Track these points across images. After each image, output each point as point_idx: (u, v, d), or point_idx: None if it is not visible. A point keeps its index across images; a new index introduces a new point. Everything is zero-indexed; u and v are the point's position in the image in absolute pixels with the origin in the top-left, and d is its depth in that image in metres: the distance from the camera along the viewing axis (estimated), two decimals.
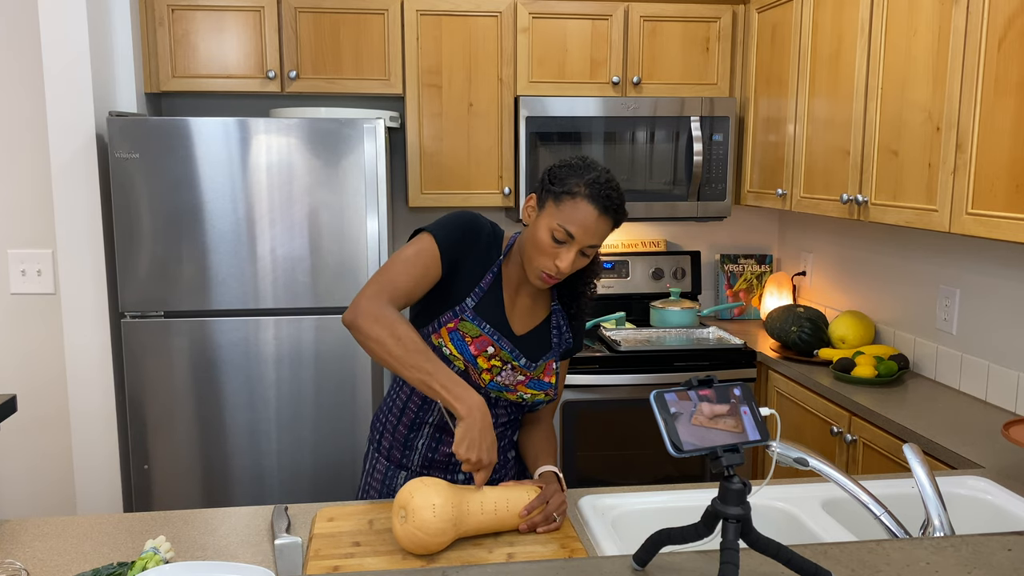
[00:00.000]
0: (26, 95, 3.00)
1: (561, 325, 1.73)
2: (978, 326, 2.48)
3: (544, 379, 1.70)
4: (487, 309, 1.64)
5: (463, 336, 1.62)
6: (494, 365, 1.64)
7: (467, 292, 1.64)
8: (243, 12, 3.03)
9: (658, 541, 1.10)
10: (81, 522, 1.55)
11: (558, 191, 1.55)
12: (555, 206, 1.55)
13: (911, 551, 1.19)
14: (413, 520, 1.38)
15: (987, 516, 1.69)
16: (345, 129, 2.71)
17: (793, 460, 1.35)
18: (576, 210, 1.53)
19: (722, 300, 3.71)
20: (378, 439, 1.79)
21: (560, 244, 1.55)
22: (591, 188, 1.53)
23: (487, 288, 1.65)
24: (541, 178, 1.61)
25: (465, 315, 1.62)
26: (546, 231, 1.55)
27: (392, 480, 1.76)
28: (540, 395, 1.70)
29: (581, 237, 1.54)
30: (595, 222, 1.54)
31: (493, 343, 1.63)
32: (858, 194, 2.53)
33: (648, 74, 3.26)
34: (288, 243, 2.73)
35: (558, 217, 1.54)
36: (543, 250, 1.56)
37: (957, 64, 2.07)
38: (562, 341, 1.73)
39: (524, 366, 1.66)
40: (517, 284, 1.69)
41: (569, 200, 1.54)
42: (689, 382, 1.07)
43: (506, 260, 1.69)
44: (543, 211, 1.57)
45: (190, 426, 2.76)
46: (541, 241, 1.56)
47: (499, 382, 1.65)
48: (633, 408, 2.99)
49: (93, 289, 2.79)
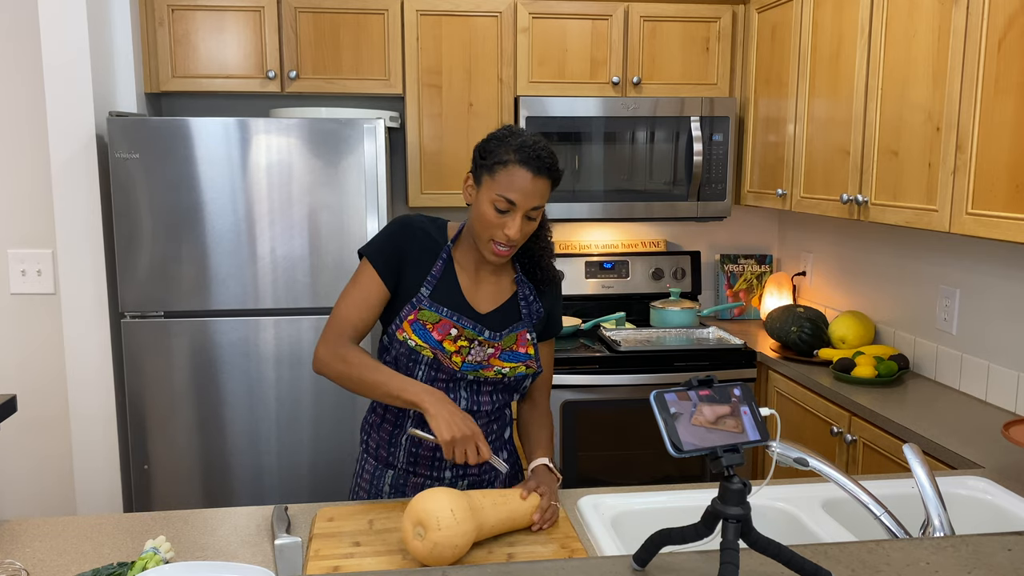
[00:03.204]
0: (26, 95, 3.00)
1: (528, 296, 1.76)
2: (978, 326, 2.48)
3: (519, 350, 1.72)
4: (443, 294, 1.69)
5: (424, 324, 1.66)
6: (461, 346, 1.67)
7: (420, 283, 1.69)
8: (243, 12, 3.03)
9: (658, 541, 1.10)
10: (81, 522, 1.55)
11: (491, 163, 1.60)
12: (491, 178, 1.60)
13: (911, 551, 1.19)
14: (435, 532, 1.33)
15: (987, 516, 1.69)
16: (345, 129, 2.71)
17: (793, 460, 1.35)
18: (512, 177, 1.58)
19: (722, 300, 3.71)
20: (366, 439, 1.82)
21: (504, 214, 1.60)
22: (521, 153, 1.58)
23: (439, 275, 1.70)
24: (473, 156, 1.66)
25: (422, 304, 1.67)
26: (488, 204, 1.60)
27: (379, 479, 1.77)
28: (520, 367, 1.71)
29: (522, 202, 1.59)
30: (532, 184, 1.58)
31: (455, 324, 1.67)
32: (858, 194, 2.53)
33: (648, 74, 3.26)
34: (288, 243, 2.73)
35: (496, 188, 1.59)
36: (490, 223, 1.61)
37: (957, 64, 2.07)
38: (532, 312, 1.76)
39: (489, 338, 1.69)
40: (475, 266, 1.73)
41: (502, 169, 1.59)
42: (689, 382, 1.07)
43: (458, 245, 1.74)
44: (481, 187, 1.62)
45: (190, 426, 2.76)
46: (486, 215, 1.60)
47: (471, 361, 1.68)
48: (633, 408, 2.99)
49: (93, 289, 2.79)
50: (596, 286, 3.53)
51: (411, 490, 1.75)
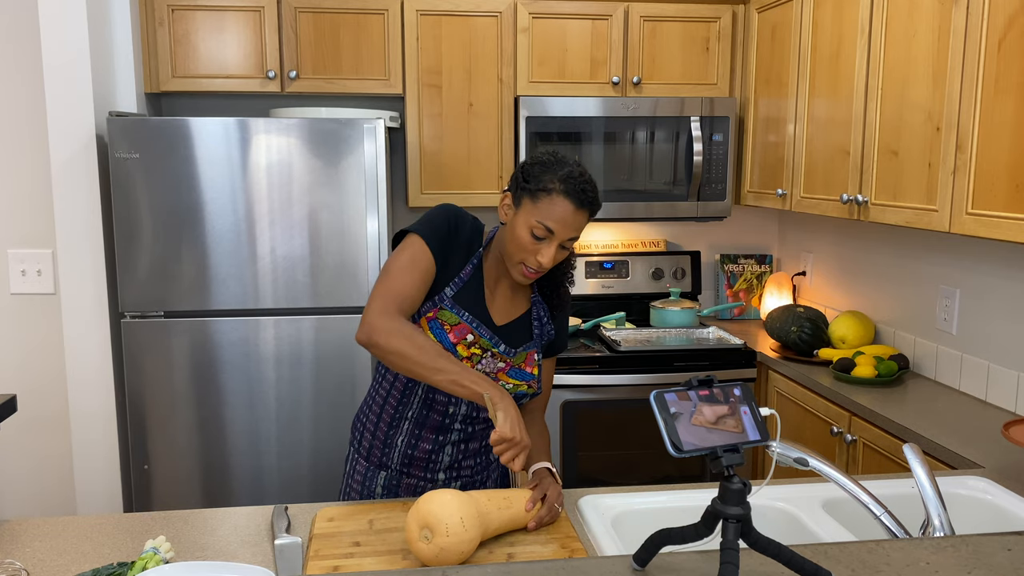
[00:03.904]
0: (26, 95, 3.00)
1: (542, 316, 1.76)
2: (978, 326, 2.48)
3: (526, 369, 1.71)
4: (466, 298, 1.68)
5: (442, 324, 1.65)
6: (474, 353, 1.66)
7: (447, 282, 1.67)
8: (243, 12, 3.03)
9: (658, 541, 1.10)
10: (81, 522, 1.55)
11: (534, 188, 1.58)
12: (532, 203, 1.58)
13: (911, 551, 1.19)
14: (443, 538, 1.32)
15: (987, 516, 1.69)
16: (345, 129, 2.71)
17: (793, 460, 1.35)
18: (553, 206, 1.57)
19: (722, 300, 3.71)
20: (358, 439, 1.81)
21: (540, 240, 1.58)
22: (566, 184, 1.57)
23: (467, 278, 1.69)
24: (514, 176, 1.64)
25: (444, 304, 1.66)
26: (525, 228, 1.58)
27: (371, 481, 1.76)
28: (523, 386, 1.71)
29: (561, 232, 1.58)
30: (573, 216, 1.58)
31: (472, 331, 1.66)
32: (858, 194, 2.53)
33: (648, 74, 3.26)
34: (288, 243, 2.73)
35: (536, 214, 1.57)
36: (523, 247, 1.59)
37: (957, 64, 2.07)
38: (543, 333, 1.76)
39: (503, 352, 1.68)
40: (497, 277, 1.72)
41: (546, 197, 1.57)
42: (689, 382, 1.07)
43: (486, 253, 1.72)
44: (520, 209, 1.60)
45: (190, 426, 2.76)
46: (521, 238, 1.59)
47: (479, 370, 1.67)
48: (633, 408, 2.99)
49: (93, 289, 2.79)
50: (596, 286, 3.53)
51: (404, 491, 1.75)
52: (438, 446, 1.72)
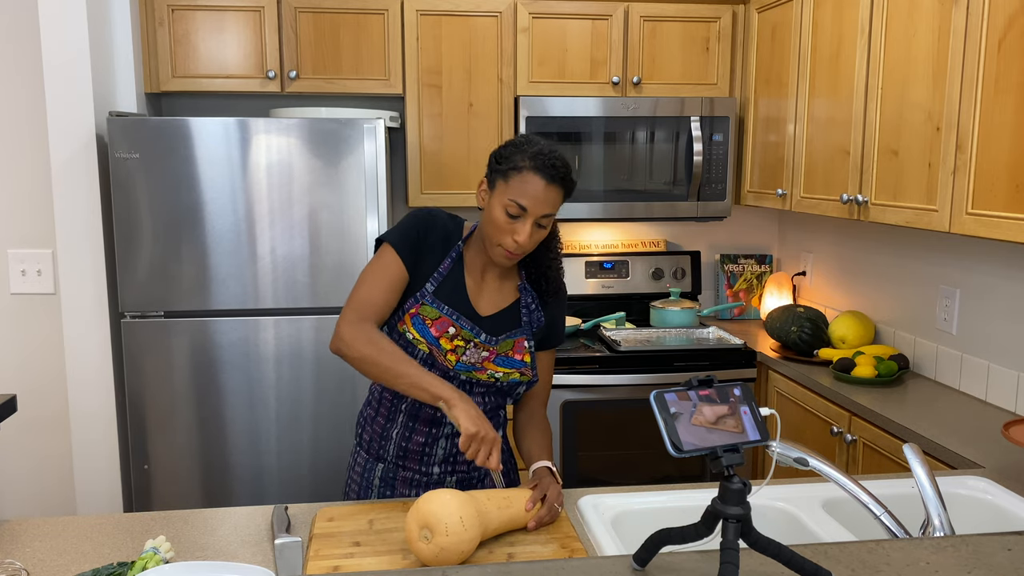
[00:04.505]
0: (26, 95, 3.00)
1: (530, 304, 1.78)
2: (978, 326, 2.48)
3: (515, 357, 1.73)
4: (446, 292, 1.71)
5: (423, 319, 1.68)
6: (457, 345, 1.69)
7: (427, 278, 1.71)
8: (243, 12, 3.03)
9: (658, 541, 1.10)
10: (81, 522, 1.55)
11: (505, 168, 1.63)
12: (504, 183, 1.63)
13: (911, 551, 1.19)
14: (443, 538, 1.32)
15: (987, 516, 1.69)
16: (345, 129, 2.71)
17: (793, 460, 1.35)
18: (525, 183, 1.61)
19: (722, 300, 3.71)
20: (360, 433, 1.84)
21: (515, 219, 1.62)
22: (535, 160, 1.61)
23: (446, 272, 1.72)
24: (488, 161, 1.68)
25: (425, 299, 1.69)
26: (500, 208, 1.62)
27: (369, 472, 1.79)
28: (514, 374, 1.72)
29: (533, 208, 1.61)
30: (544, 191, 1.61)
31: (453, 323, 1.69)
32: (858, 194, 2.53)
33: (648, 74, 3.26)
34: (288, 243, 2.73)
35: (509, 193, 1.61)
36: (500, 227, 1.63)
37: (957, 64, 2.07)
38: (532, 320, 1.77)
39: (485, 341, 1.70)
40: (482, 268, 1.75)
41: (516, 175, 1.61)
42: (689, 382, 1.07)
43: (468, 246, 1.76)
44: (494, 191, 1.65)
45: (190, 426, 2.76)
46: (497, 219, 1.63)
47: (465, 361, 1.69)
48: (633, 408, 2.99)
49: (93, 289, 2.79)
50: (596, 286, 3.53)
51: (400, 484, 1.76)
52: (432, 439, 1.74)
